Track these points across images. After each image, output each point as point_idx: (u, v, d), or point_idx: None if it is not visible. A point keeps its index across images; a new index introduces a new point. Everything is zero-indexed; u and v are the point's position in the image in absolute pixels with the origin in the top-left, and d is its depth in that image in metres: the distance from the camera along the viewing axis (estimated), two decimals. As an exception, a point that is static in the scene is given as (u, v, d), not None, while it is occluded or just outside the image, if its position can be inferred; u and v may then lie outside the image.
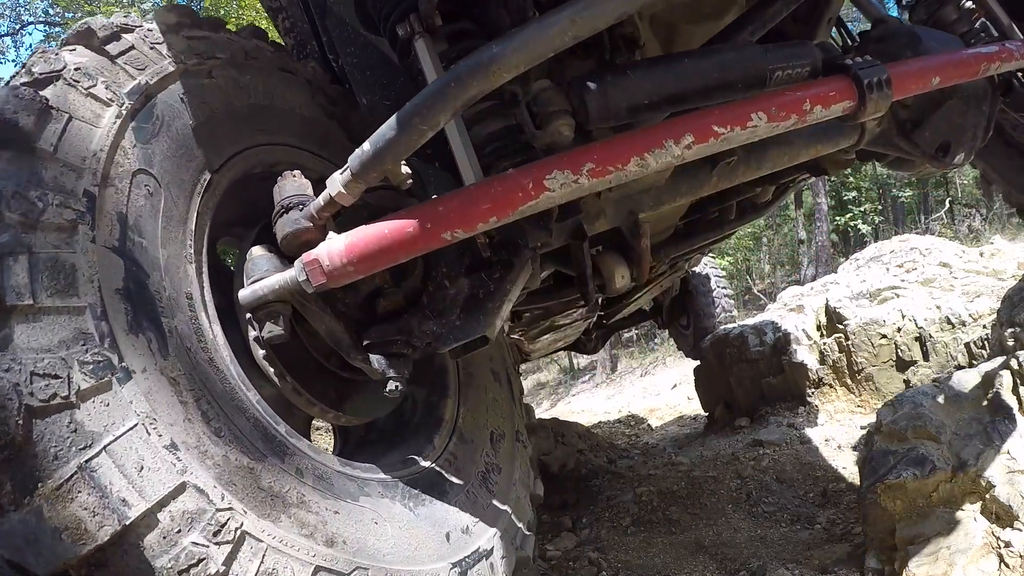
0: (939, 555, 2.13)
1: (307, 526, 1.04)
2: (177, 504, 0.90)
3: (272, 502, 1.01)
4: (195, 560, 0.88)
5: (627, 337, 23.40)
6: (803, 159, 1.82)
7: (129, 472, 0.87)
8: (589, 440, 5.86)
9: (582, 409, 13.16)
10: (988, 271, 4.94)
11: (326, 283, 1.21)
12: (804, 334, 5.44)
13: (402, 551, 1.19)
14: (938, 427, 2.48)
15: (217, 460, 0.97)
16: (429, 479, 1.41)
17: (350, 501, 1.17)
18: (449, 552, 1.30)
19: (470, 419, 1.65)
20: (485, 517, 1.46)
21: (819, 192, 15.86)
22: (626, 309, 4.89)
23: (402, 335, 1.39)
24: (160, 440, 0.91)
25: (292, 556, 0.98)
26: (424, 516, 1.31)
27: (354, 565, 1.06)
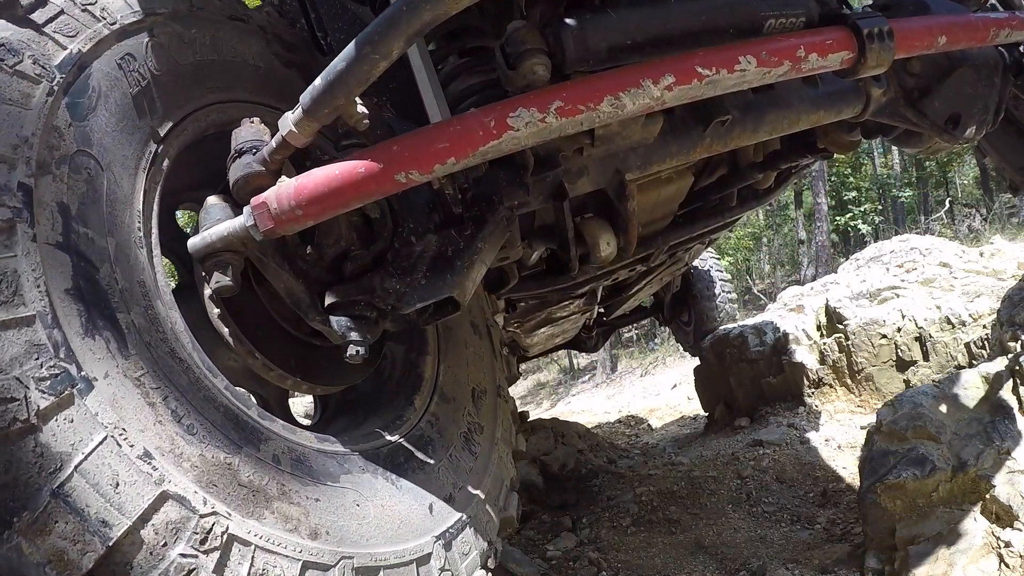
0: (939, 555, 2.13)
1: (291, 520, 1.01)
2: (159, 516, 0.85)
3: (254, 498, 0.97)
4: (185, 572, 0.85)
5: (627, 337, 23.39)
6: (804, 125, 1.71)
7: (105, 490, 0.82)
8: (589, 440, 5.86)
9: (582, 409, 13.17)
10: (988, 271, 4.94)
11: (274, 228, 1.14)
12: (804, 334, 5.44)
13: (385, 532, 1.16)
14: (938, 427, 2.48)
15: (194, 461, 0.92)
16: (411, 445, 1.36)
17: (330, 483, 1.13)
18: (433, 525, 1.27)
19: (451, 376, 1.58)
20: (468, 482, 1.41)
21: (819, 192, 15.86)
22: (626, 304, 4.81)
23: (364, 295, 1.32)
24: (133, 450, 0.86)
25: (280, 554, 0.95)
26: (407, 489, 1.27)
27: (339, 556, 1.03)
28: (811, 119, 1.69)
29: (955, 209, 20.16)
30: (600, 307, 5.03)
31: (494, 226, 1.37)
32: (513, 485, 1.61)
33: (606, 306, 4.97)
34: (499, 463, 1.55)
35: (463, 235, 1.36)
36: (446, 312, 1.35)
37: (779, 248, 24.66)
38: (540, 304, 3.22)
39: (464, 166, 1.16)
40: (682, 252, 3.34)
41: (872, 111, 1.73)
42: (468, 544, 1.32)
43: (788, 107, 1.65)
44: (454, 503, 1.34)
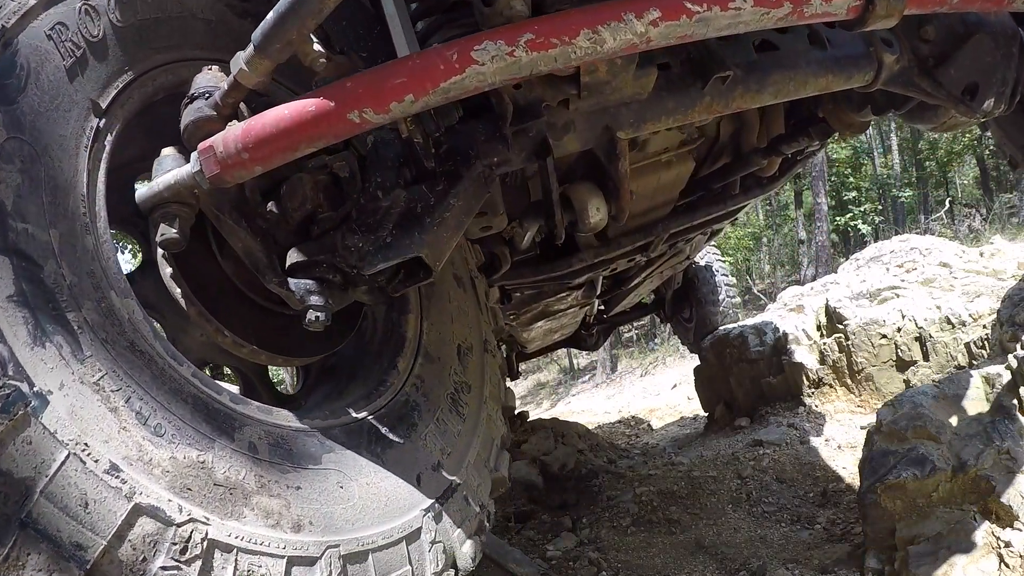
0: (939, 555, 2.13)
1: (272, 514, 0.96)
2: (135, 531, 0.81)
3: (232, 497, 0.93)
4: None
5: (627, 337, 23.40)
6: (811, 90, 1.59)
7: (75, 511, 0.77)
8: (589, 440, 5.86)
9: (582, 409, 13.17)
10: (988, 271, 4.94)
11: (220, 174, 1.06)
12: (804, 334, 5.44)
13: (371, 512, 1.11)
14: (938, 427, 2.48)
15: (165, 466, 0.87)
16: (395, 412, 1.29)
17: (312, 466, 1.07)
18: (421, 497, 1.21)
19: (435, 334, 1.48)
20: (456, 446, 1.34)
21: (819, 192, 15.87)
22: (626, 300, 4.72)
23: (325, 255, 1.22)
24: (98, 465, 0.81)
25: (263, 553, 0.92)
26: (392, 461, 1.21)
27: (324, 546, 0.99)
28: (819, 83, 1.57)
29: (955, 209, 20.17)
30: (600, 303, 4.91)
31: (470, 182, 1.27)
32: (504, 443, 1.54)
33: (606, 301, 4.89)
34: (488, 422, 1.47)
35: (435, 190, 1.25)
36: (417, 278, 1.26)
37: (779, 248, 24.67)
38: (536, 295, 3.14)
39: (425, 105, 1.06)
40: (683, 243, 3.20)
41: (884, 79, 1.61)
42: (459, 512, 1.27)
43: (794, 69, 1.54)
44: (443, 470, 1.28)
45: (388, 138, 1.28)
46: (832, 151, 21.03)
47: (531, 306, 3.25)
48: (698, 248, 3.72)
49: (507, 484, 1.53)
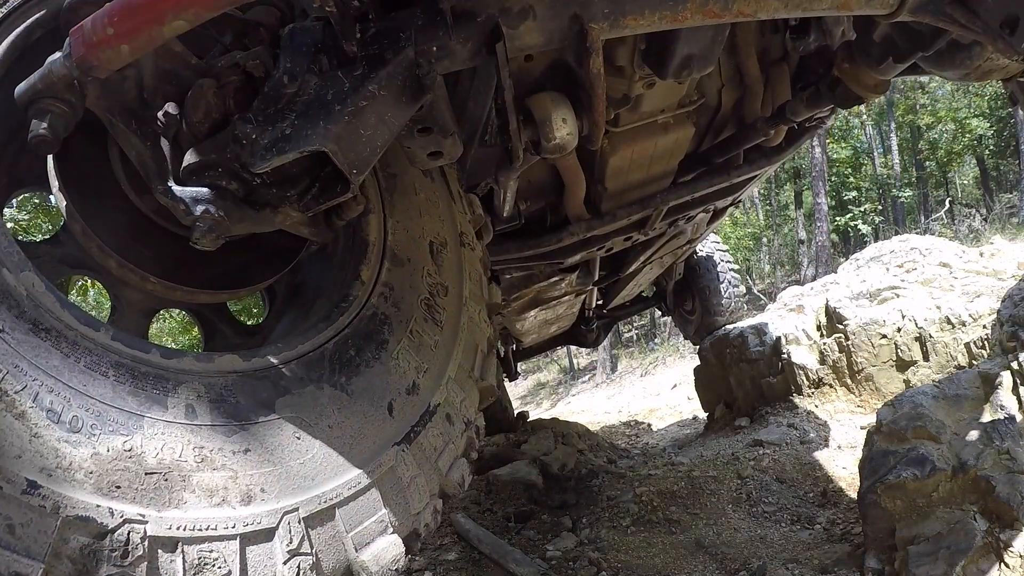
0: (939, 555, 2.13)
1: (216, 492, 0.85)
2: (70, 546, 0.74)
3: (167, 483, 0.82)
4: None
5: (627, 337, 23.40)
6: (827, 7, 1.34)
7: (4, 540, 0.71)
8: (589, 440, 5.86)
9: (582, 409, 13.17)
10: (988, 271, 4.94)
11: (86, 55, 0.94)
12: (804, 334, 5.44)
13: (335, 460, 0.97)
14: (938, 427, 2.48)
15: (87, 467, 0.77)
16: (362, 331, 1.11)
17: (262, 419, 0.93)
18: (394, 429, 1.05)
19: (402, 233, 1.29)
20: (434, 360, 1.17)
21: (819, 192, 15.87)
22: (625, 290, 4.55)
23: (218, 153, 1.04)
24: (14, 487, 0.72)
25: (212, 538, 0.83)
26: (359, 392, 1.05)
27: (280, 513, 0.88)
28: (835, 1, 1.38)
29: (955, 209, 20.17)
30: (598, 295, 4.81)
31: (397, 70, 1.04)
32: (490, 347, 1.37)
33: (604, 292, 4.81)
34: (470, 327, 1.30)
35: (352, 76, 1.04)
36: (333, 193, 1.07)
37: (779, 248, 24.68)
38: (527, 278, 2.95)
39: None
40: (683, 221, 2.95)
41: (911, 5, 1.39)
42: (441, 436, 1.12)
43: None
44: (419, 393, 1.12)
45: (309, 26, 1.10)
46: (832, 151, 21.03)
47: (523, 291, 3.04)
48: (700, 232, 3.41)
49: (496, 392, 1.36)
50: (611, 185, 2.31)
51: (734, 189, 2.79)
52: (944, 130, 23.10)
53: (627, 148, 2.10)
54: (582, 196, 2.31)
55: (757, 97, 2.31)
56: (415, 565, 3.29)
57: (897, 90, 25.53)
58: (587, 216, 2.41)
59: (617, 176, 2.27)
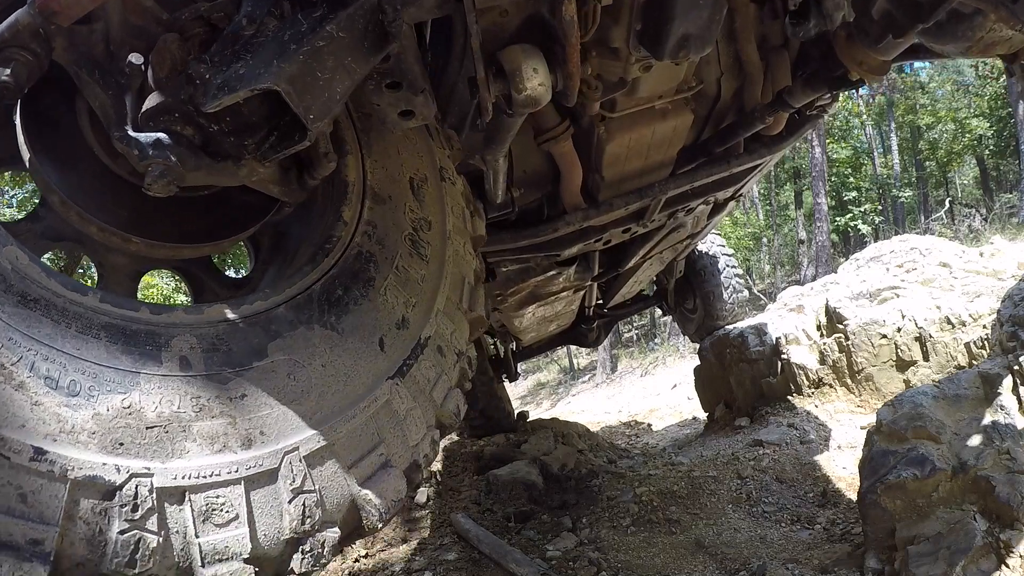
0: (939, 555, 2.13)
1: (217, 438, 0.87)
2: (82, 507, 0.76)
3: (168, 435, 0.84)
4: (132, 546, 0.78)
5: (627, 337, 23.40)
6: None
7: (17, 510, 0.72)
8: (589, 440, 5.86)
9: (582, 409, 13.18)
10: (988, 271, 4.94)
11: (47, 1, 0.93)
12: (804, 334, 5.44)
13: (331, 398, 0.99)
14: (938, 427, 2.48)
15: (89, 428, 0.79)
16: (348, 270, 1.12)
17: (255, 363, 0.95)
18: (386, 364, 1.06)
19: (381, 171, 1.28)
20: (422, 293, 1.18)
21: (819, 192, 15.87)
22: (625, 287, 4.47)
23: (173, 96, 1.02)
24: (21, 456, 0.74)
25: (216, 484, 0.85)
26: (349, 330, 1.06)
27: (280, 454, 0.90)
28: None
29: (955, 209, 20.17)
30: (598, 293, 4.76)
31: (358, 11, 1.03)
32: (477, 279, 1.38)
33: (604, 290, 4.76)
34: (456, 259, 1.31)
35: (311, 17, 1.03)
36: (291, 141, 1.05)
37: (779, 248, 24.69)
38: (524, 272, 2.88)
39: None
40: (683, 213, 2.86)
41: None
42: (434, 368, 1.14)
43: None
44: (409, 327, 1.13)
45: None
46: (832, 151, 21.04)
47: (519, 286, 2.96)
48: (700, 226, 3.35)
49: (486, 323, 1.39)
50: (608, 174, 2.26)
51: (734, 180, 2.73)
52: (944, 130, 23.11)
53: (624, 135, 2.06)
54: (578, 185, 2.26)
55: (757, 85, 2.25)
56: (415, 565, 3.29)
57: (897, 90, 25.55)
58: (583, 206, 2.35)
59: (614, 164, 2.22)
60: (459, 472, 4.62)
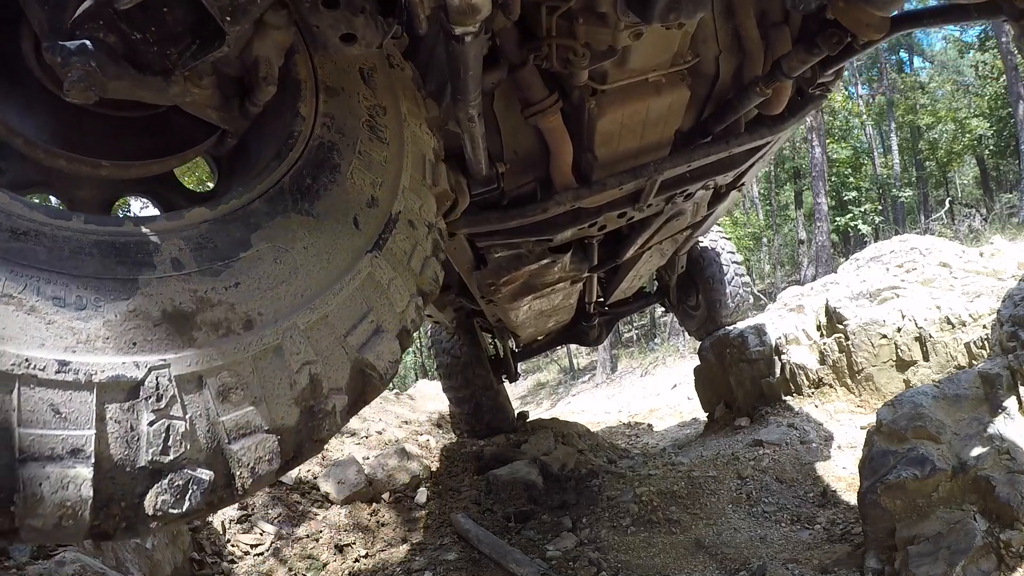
0: (939, 555, 2.13)
1: (220, 324, 0.92)
2: (112, 409, 0.81)
3: (176, 327, 0.89)
4: (163, 434, 0.84)
5: (627, 337, 23.40)
6: None
7: (53, 423, 0.77)
8: (589, 440, 5.86)
9: (582, 409, 13.18)
10: (988, 271, 4.95)
11: None
12: (804, 334, 5.44)
13: (318, 276, 1.04)
14: (938, 427, 2.48)
15: (103, 334, 0.84)
16: (313, 160, 1.17)
17: (242, 254, 0.99)
18: (363, 239, 1.12)
19: (330, 64, 1.31)
20: (387, 173, 1.24)
21: (819, 192, 15.87)
22: (624, 283, 4.38)
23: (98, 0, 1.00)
24: (47, 372, 0.79)
25: (228, 367, 0.90)
26: (324, 211, 1.11)
27: (281, 332, 0.96)
28: None
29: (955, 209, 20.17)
30: (597, 289, 4.68)
31: None
32: (437, 156, 1.43)
33: (604, 284, 4.72)
34: (414, 139, 1.36)
35: None
36: (211, 48, 1.05)
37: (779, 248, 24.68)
38: (516, 259, 2.79)
39: None
40: (681, 198, 2.76)
41: None
42: (408, 239, 1.21)
43: None
44: (379, 205, 1.19)
45: None
46: (832, 151, 21.04)
47: (513, 274, 2.88)
48: (701, 215, 3.23)
49: (451, 196, 1.44)
50: (602, 153, 2.17)
51: (734, 163, 2.61)
52: (944, 130, 23.11)
53: (617, 110, 1.98)
54: (569, 163, 2.17)
55: (757, 64, 2.16)
56: (415, 565, 3.29)
57: (897, 90, 25.56)
58: (575, 185, 2.26)
59: (608, 143, 2.14)
60: (459, 472, 4.62)
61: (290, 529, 3.48)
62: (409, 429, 5.53)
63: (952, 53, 28.53)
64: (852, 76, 26.62)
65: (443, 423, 6.09)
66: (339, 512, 3.74)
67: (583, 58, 1.64)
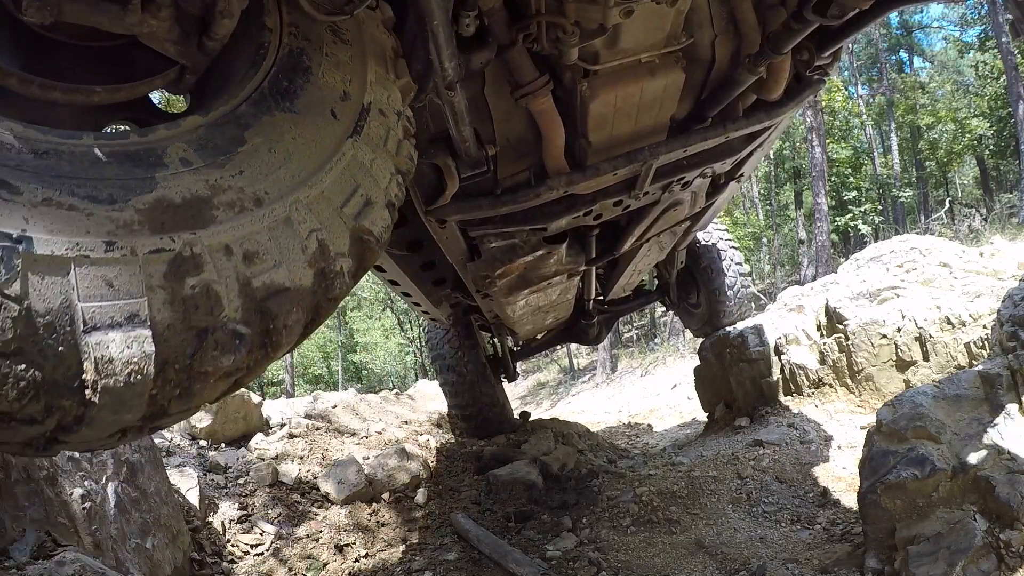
0: (939, 555, 2.13)
1: (234, 204, 1.03)
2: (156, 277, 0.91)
3: (196, 208, 1.00)
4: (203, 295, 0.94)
5: (627, 337, 23.40)
6: None
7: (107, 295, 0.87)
8: (589, 440, 5.86)
9: (582, 409, 13.18)
10: (988, 271, 4.94)
11: None
12: (804, 334, 5.44)
13: (308, 160, 1.16)
14: (938, 427, 2.48)
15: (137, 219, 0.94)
16: (287, 65, 1.28)
17: (240, 149, 1.11)
18: (342, 127, 1.25)
19: None
20: (354, 70, 1.36)
21: (819, 192, 15.87)
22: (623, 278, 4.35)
23: None
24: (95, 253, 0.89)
25: (248, 235, 1.02)
26: (304, 107, 1.23)
27: (288, 204, 1.09)
28: None
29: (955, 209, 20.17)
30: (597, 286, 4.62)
31: None
32: (395, 53, 1.53)
33: (603, 281, 4.67)
34: (373, 40, 1.48)
35: None
36: None
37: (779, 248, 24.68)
38: (511, 249, 2.73)
39: None
40: (678, 186, 2.69)
41: None
42: (382, 125, 1.34)
43: None
44: (351, 98, 1.32)
45: None
46: (832, 151, 21.03)
47: (507, 267, 2.83)
48: (700, 205, 3.14)
49: (413, 87, 1.54)
50: (595, 138, 2.14)
51: (732, 150, 2.54)
52: (944, 130, 23.11)
53: (609, 92, 1.94)
54: (561, 147, 2.13)
55: (754, 46, 2.10)
56: (415, 565, 3.29)
57: (897, 90, 25.55)
58: (567, 170, 2.21)
59: (601, 127, 2.10)
60: (459, 472, 4.62)
61: (290, 529, 3.48)
62: (409, 429, 5.53)
63: (952, 53, 28.53)
64: (852, 76, 26.64)
65: (443, 423, 6.10)
66: (339, 512, 3.74)
67: (572, 35, 1.63)
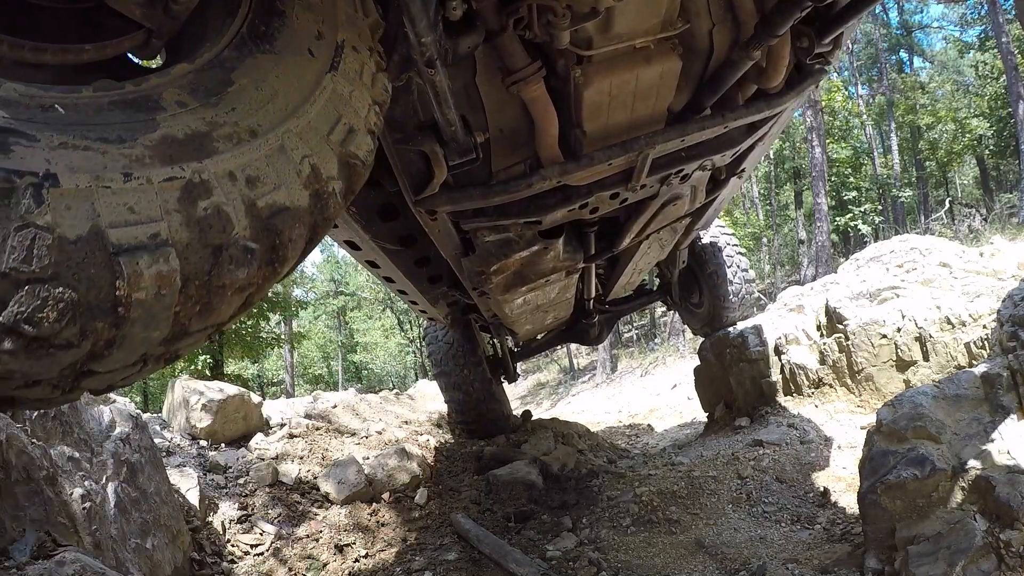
0: (939, 555, 2.13)
1: (232, 136, 1.12)
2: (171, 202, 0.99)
3: (199, 142, 1.08)
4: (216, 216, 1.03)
5: (627, 337, 23.39)
6: None
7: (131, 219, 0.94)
8: (589, 440, 5.86)
9: (582, 409, 13.18)
10: (988, 271, 4.94)
11: None
12: (804, 334, 5.44)
13: (293, 95, 1.25)
14: (938, 427, 2.48)
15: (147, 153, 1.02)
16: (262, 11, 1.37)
17: (229, 89, 1.19)
18: (320, 64, 1.34)
19: None
20: (326, 12, 1.45)
21: (819, 192, 15.87)
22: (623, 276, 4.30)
23: None
24: (115, 183, 0.96)
25: (248, 162, 1.11)
26: (283, 48, 1.31)
27: (280, 133, 1.18)
28: None
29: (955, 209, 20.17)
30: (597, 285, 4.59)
31: None
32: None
33: (603, 280, 4.64)
34: None
35: None
36: None
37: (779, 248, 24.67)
38: (505, 245, 2.68)
39: None
40: (676, 179, 2.62)
41: None
42: (357, 61, 1.42)
43: None
44: (325, 37, 1.42)
45: None
46: (832, 151, 21.03)
47: (503, 262, 2.77)
48: (700, 200, 3.06)
49: (381, 24, 1.61)
50: (590, 127, 2.09)
51: (732, 141, 2.48)
52: (944, 130, 23.11)
53: (604, 79, 1.92)
54: (554, 135, 2.08)
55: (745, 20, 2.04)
56: (415, 565, 3.29)
57: (897, 90, 25.55)
58: (560, 159, 2.15)
59: (596, 116, 2.06)
60: (459, 472, 4.62)
61: (290, 529, 3.48)
62: (409, 429, 5.53)
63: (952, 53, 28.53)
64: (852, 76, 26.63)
65: (443, 423, 6.09)
66: (339, 512, 3.74)
67: (564, 19, 1.61)
